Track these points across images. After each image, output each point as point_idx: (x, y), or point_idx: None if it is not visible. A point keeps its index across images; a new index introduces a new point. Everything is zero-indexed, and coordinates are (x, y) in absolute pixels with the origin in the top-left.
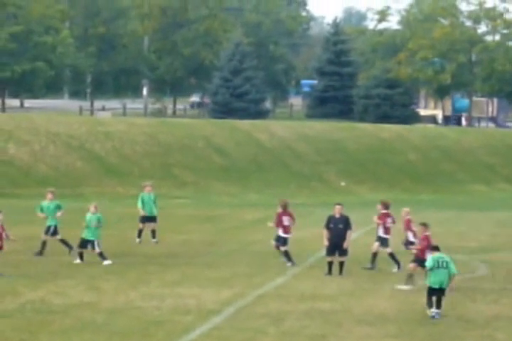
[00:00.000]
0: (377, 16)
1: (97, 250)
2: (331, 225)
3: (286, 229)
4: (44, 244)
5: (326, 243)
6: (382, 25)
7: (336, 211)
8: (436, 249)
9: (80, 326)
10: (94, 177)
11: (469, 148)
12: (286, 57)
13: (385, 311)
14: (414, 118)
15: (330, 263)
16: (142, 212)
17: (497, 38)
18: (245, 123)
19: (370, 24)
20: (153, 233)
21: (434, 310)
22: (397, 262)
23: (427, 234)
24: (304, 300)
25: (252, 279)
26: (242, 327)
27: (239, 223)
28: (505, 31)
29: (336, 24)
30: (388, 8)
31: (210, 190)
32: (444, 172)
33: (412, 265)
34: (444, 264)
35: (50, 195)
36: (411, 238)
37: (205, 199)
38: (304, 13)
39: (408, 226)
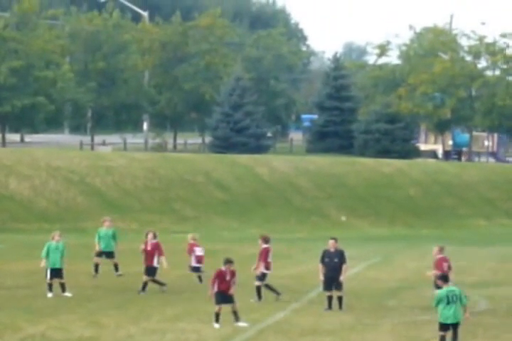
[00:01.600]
0: (377, 51)
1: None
2: (326, 259)
3: (268, 265)
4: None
5: (321, 278)
6: (382, 60)
7: (331, 245)
8: (445, 280)
9: None
10: (95, 212)
11: (470, 183)
12: (287, 92)
13: None
14: (414, 153)
15: (329, 298)
16: (97, 247)
17: (497, 72)
18: (245, 158)
19: (370, 59)
20: (116, 267)
21: None
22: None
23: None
24: (304, 335)
25: (252, 314)
26: None
27: (239, 258)
28: (505, 66)
29: (336, 59)
30: (388, 42)
31: (210, 225)
32: (444, 207)
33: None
34: (454, 298)
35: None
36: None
37: (206, 234)
38: (304, 48)
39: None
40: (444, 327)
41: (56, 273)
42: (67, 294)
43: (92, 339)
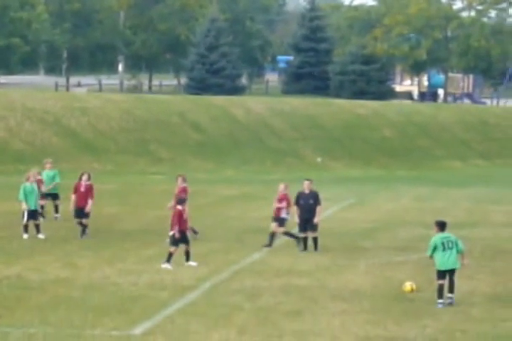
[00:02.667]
0: None
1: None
2: (301, 201)
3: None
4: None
5: (297, 220)
6: (357, 1)
7: (306, 187)
8: (442, 228)
9: (56, 302)
10: (70, 153)
11: (445, 124)
12: (262, 33)
13: (361, 287)
14: (390, 94)
15: (304, 239)
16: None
17: (472, 14)
18: (221, 99)
19: (346, 0)
20: (56, 208)
21: (448, 294)
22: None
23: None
24: (279, 276)
25: (228, 255)
26: (218, 303)
27: (215, 199)
28: (480, 7)
29: (311, 0)
30: None
31: (186, 166)
32: (420, 148)
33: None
34: (450, 244)
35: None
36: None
37: None
38: None
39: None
40: (441, 274)
41: (32, 214)
42: (41, 236)
43: (68, 280)
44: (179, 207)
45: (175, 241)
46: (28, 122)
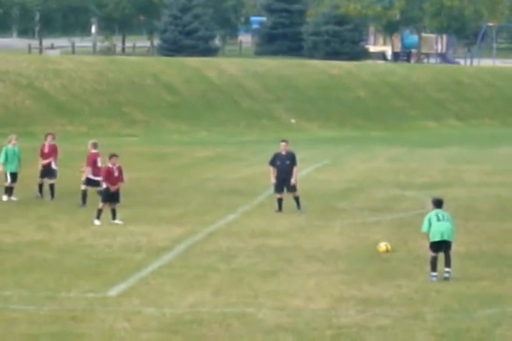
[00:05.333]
0: None
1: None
2: (278, 162)
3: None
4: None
5: (273, 180)
6: None
7: (282, 148)
8: (437, 205)
9: (31, 264)
10: (44, 116)
11: (419, 84)
12: None
13: (336, 247)
14: (363, 54)
15: (279, 200)
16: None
17: None
18: (194, 61)
19: None
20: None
21: (446, 269)
22: None
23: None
24: (254, 237)
25: (203, 217)
26: (193, 264)
27: (189, 161)
28: None
29: None
30: None
31: (160, 128)
32: (394, 108)
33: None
34: (445, 217)
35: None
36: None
37: (156, 138)
38: None
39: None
40: (434, 246)
41: (14, 177)
42: (14, 198)
43: (43, 242)
44: (109, 163)
45: (104, 198)
46: (1, 85)
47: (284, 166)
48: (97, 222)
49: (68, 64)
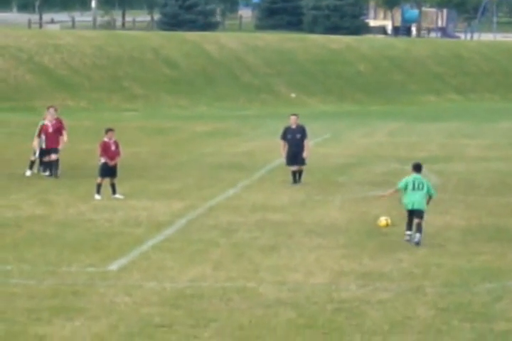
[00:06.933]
0: None
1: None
2: (289, 136)
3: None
4: None
5: (283, 154)
6: None
7: (292, 121)
8: (416, 169)
9: (32, 239)
10: (44, 91)
11: (419, 58)
12: None
13: (336, 222)
14: (363, 29)
15: (294, 173)
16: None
17: None
18: (194, 35)
19: None
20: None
21: (417, 234)
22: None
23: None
24: (255, 212)
25: (203, 191)
26: (194, 238)
27: (189, 135)
28: None
29: None
30: None
31: (159, 103)
32: (394, 82)
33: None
34: (421, 186)
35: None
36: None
37: (155, 112)
38: None
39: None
40: (409, 212)
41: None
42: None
43: (43, 217)
44: (105, 138)
45: (102, 173)
46: (0, 60)
47: (294, 140)
48: (97, 197)
49: (68, 38)
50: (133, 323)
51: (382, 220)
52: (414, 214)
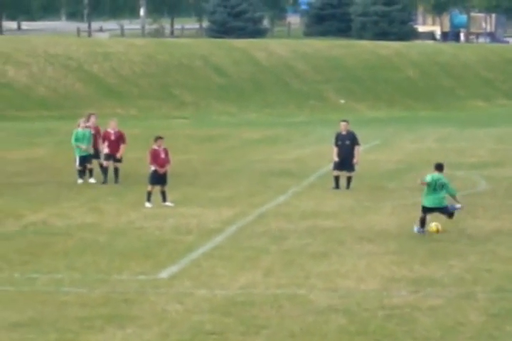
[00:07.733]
0: None
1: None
2: (339, 142)
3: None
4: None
5: (335, 159)
6: None
7: (342, 128)
8: (438, 169)
9: (82, 247)
10: (94, 99)
11: (468, 64)
12: None
13: (386, 228)
14: (412, 34)
15: (336, 178)
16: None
17: None
18: (243, 42)
19: None
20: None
21: (421, 229)
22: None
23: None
24: (305, 218)
25: (253, 198)
26: (244, 245)
27: (239, 143)
28: None
29: None
30: None
31: (208, 110)
32: (443, 88)
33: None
34: (440, 187)
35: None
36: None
37: (205, 119)
38: None
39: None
40: (425, 209)
41: (83, 159)
42: (92, 180)
43: (94, 225)
44: (155, 145)
45: (152, 180)
46: (50, 68)
47: (344, 146)
48: (148, 205)
49: (117, 47)
50: (184, 331)
51: (433, 226)
52: (432, 211)
